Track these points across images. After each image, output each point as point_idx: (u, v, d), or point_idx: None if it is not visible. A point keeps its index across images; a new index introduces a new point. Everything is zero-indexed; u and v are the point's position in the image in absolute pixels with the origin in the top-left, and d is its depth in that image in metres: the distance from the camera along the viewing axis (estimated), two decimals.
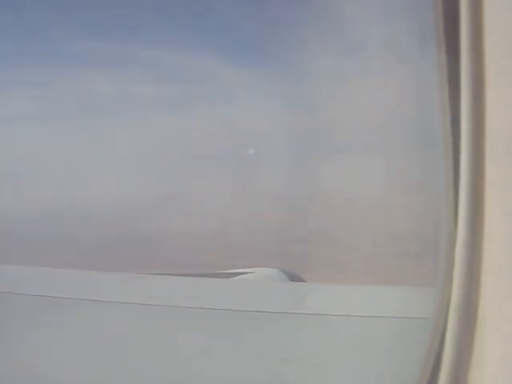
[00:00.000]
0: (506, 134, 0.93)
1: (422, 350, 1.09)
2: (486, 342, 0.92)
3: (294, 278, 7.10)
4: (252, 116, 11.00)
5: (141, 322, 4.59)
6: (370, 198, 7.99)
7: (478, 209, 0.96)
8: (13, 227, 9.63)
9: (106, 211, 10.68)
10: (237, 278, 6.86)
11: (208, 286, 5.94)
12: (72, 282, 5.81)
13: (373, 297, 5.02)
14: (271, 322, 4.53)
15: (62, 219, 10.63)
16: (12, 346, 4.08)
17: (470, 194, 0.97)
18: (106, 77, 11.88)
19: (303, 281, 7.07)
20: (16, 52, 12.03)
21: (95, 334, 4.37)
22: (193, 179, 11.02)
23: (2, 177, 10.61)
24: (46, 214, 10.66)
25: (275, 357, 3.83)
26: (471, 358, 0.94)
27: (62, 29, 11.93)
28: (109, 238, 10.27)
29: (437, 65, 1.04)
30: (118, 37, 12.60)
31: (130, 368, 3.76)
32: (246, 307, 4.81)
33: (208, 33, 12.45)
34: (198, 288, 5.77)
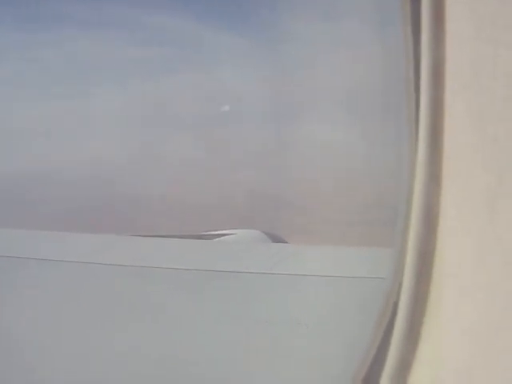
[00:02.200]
0: (465, 69, 0.96)
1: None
2: (440, 298, 1.01)
3: (276, 239, 7.19)
4: (232, 80, 10.95)
5: (128, 283, 4.66)
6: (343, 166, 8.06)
7: (436, 161, 0.99)
8: None
9: (85, 174, 10.63)
10: (220, 239, 6.94)
11: (192, 248, 6.00)
12: (55, 244, 5.84)
13: (352, 258, 5.11)
14: (254, 283, 4.62)
15: (43, 181, 10.58)
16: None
17: (430, 134, 1.00)
18: (89, 39, 11.72)
19: (285, 242, 7.17)
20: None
21: (82, 294, 4.43)
22: (172, 142, 11.02)
23: None
24: (26, 176, 10.60)
25: (258, 317, 3.93)
26: (425, 315, 1.02)
27: None
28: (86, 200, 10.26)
29: (400, 5, 1.06)
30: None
31: (117, 328, 3.84)
32: (229, 268, 4.88)
33: None
34: (182, 249, 5.83)
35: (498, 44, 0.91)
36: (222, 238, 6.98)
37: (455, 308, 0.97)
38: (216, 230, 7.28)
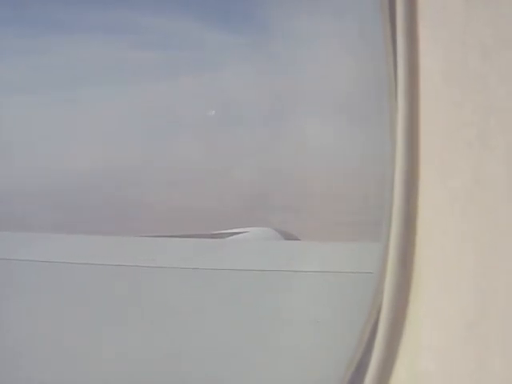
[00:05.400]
0: (438, 74, 0.99)
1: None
2: (421, 291, 1.04)
3: (289, 236, 7.20)
4: (234, 81, 10.96)
5: (139, 283, 4.70)
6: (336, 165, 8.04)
7: (414, 156, 1.02)
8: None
9: (85, 178, 10.68)
10: (232, 237, 6.96)
11: (205, 247, 6.03)
12: (71, 247, 5.88)
13: (365, 253, 5.08)
14: (266, 280, 4.64)
15: (43, 186, 10.65)
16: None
17: (407, 138, 1.02)
18: (93, 44, 11.78)
19: (297, 239, 7.17)
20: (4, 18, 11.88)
21: (97, 297, 4.48)
22: (176, 147, 11.07)
23: None
24: (35, 182, 10.68)
25: (271, 314, 3.95)
26: (406, 315, 1.06)
27: None
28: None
29: (380, 9, 1.09)
30: (102, 3, 12.42)
31: (131, 328, 3.88)
32: (242, 266, 4.90)
33: None
34: (195, 249, 5.86)
35: (469, 49, 0.95)
36: (235, 236, 7.00)
37: (434, 305, 1.01)
38: (228, 229, 7.31)
